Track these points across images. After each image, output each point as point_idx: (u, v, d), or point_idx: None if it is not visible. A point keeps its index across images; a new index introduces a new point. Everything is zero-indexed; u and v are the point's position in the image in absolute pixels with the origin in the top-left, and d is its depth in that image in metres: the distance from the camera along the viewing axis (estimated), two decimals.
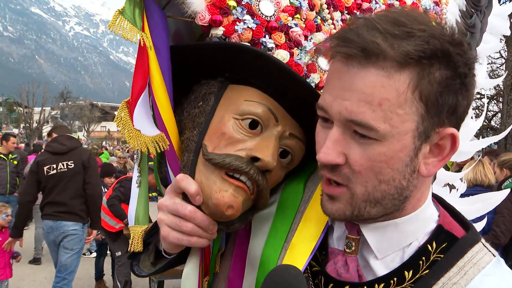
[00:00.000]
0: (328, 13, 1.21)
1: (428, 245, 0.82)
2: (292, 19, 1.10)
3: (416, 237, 0.84)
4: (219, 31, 1.02)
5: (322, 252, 0.93)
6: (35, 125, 51.76)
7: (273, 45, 1.05)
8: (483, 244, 0.83)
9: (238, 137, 0.97)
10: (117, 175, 7.54)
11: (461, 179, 1.82)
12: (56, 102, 63.27)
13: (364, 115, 0.72)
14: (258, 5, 1.06)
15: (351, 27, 0.75)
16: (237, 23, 1.03)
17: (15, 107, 58.46)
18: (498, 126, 14.72)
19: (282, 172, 1.04)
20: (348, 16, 1.25)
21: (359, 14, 1.26)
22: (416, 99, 0.72)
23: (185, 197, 0.97)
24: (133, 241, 1.13)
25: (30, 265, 7.82)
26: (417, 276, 0.80)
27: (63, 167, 5.04)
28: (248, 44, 1.03)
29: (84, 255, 6.20)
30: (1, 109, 53.75)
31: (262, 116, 0.98)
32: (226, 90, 1.04)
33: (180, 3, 1.01)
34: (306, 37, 1.11)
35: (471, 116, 1.83)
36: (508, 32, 1.88)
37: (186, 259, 1.06)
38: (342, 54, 0.75)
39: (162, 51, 1.03)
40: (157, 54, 1.02)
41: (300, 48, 1.09)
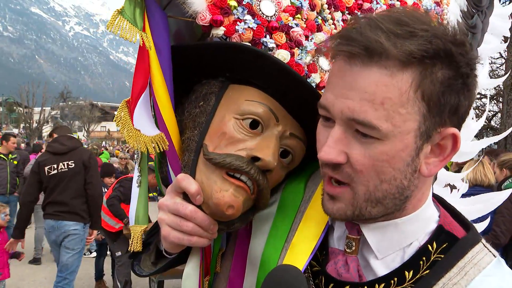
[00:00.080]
0: (329, 13, 1.21)
1: (429, 245, 0.82)
2: (293, 19, 1.10)
3: (417, 237, 0.84)
4: (220, 31, 1.02)
5: (323, 252, 0.93)
6: (35, 125, 51.75)
7: (274, 45, 1.05)
8: (483, 245, 0.83)
9: (238, 137, 0.97)
10: (118, 176, 7.53)
11: (462, 180, 1.82)
12: (56, 102, 63.24)
13: (366, 114, 0.72)
14: (259, 5, 1.06)
15: (354, 26, 0.74)
16: (238, 23, 1.03)
17: (15, 107, 58.44)
18: (498, 126, 14.70)
19: (283, 172, 1.04)
20: (349, 16, 1.25)
21: (360, 14, 1.26)
22: (418, 99, 0.72)
23: (186, 196, 0.97)
24: (133, 241, 1.13)
25: (30, 265, 7.81)
26: (417, 276, 0.80)
27: (63, 167, 5.05)
28: (248, 44, 1.03)
29: (84, 255, 6.19)
30: (1, 109, 53.73)
31: (262, 116, 0.98)
32: (227, 90, 1.04)
33: (181, 3, 1.01)
34: (307, 37, 1.11)
35: (472, 117, 1.83)
36: (508, 32, 1.88)
37: (187, 259, 1.06)
38: (345, 53, 0.75)
39: (163, 51, 1.03)
40: (158, 54, 1.02)
41: (301, 48, 1.09)
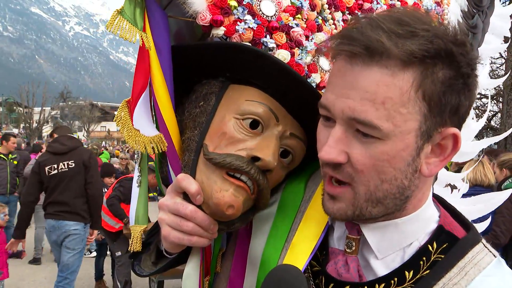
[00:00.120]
0: (329, 13, 1.21)
1: (429, 245, 0.82)
2: (293, 19, 1.10)
3: (417, 237, 0.84)
4: (220, 31, 1.02)
5: (323, 252, 0.93)
6: (35, 125, 51.74)
7: (274, 45, 1.05)
8: (483, 245, 0.83)
9: (239, 137, 0.97)
10: (119, 176, 7.52)
11: (463, 180, 1.82)
12: (56, 102, 63.22)
13: (367, 114, 0.72)
14: (259, 5, 1.06)
15: (355, 26, 0.74)
16: (238, 23, 1.03)
17: (15, 107, 58.42)
18: (498, 126, 14.69)
19: (283, 172, 1.04)
20: (349, 17, 1.25)
21: (361, 14, 1.26)
22: (419, 98, 0.72)
23: (186, 196, 0.97)
24: (133, 241, 1.13)
25: (30, 265, 7.81)
26: (417, 276, 0.80)
27: (64, 167, 5.05)
28: (249, 44, 1.03)
29: (84, 255, 6.19)
30: (1, 109, 53.71)
31: (263, 116, 0.98)
32: (227, 90, 1.04)
33: (181, 3, 1.01)
34: (307, 37, 1.11)
35: (472, 117, 1.83)
36: (509, 33, 1.87)
37: (187, 259, 1.06)
38: (346, 52, 0.75)
39: (163, 51, 1.03)
40: (159, 54, 1.02)
41: (301, 48, 1.09)
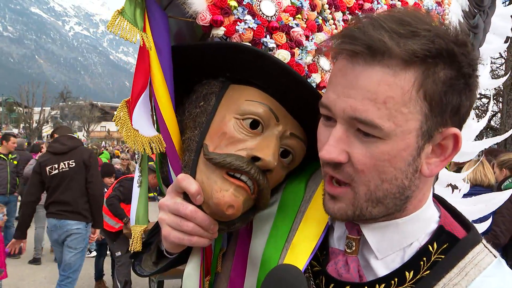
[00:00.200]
0: (330, 13, 1.21)
1: (429, 246, 0.82)
2: (293, 19, 1.10)
3: (417, 237, 0.84)
4: (220, 31, 1.02)
5: (323, 252, 0.93)
6: (35, 125, 51.73)
7: (274, 45, 1.05)
8: (484, 245, 0.83)
9: (239, 137, 0.97)
10: (120, 176, 7.52)
11: (464, 180, 1.81)
12: (56, 102, 63.20)
13: (369, 113, 0.72)
14: (259, 5, 1.06)
15: (357, 26, 0.74)
16: (238, 23, 1.03)
17: (15, 107, 58.43)
18: (498, 126, 14.69)
19: (283, 172, 1.04)
20: (349, 17, 1.25)
21: (361, 14, 1.25)
22: (420, 98, 0.72)
23: (186, 196, 0.97)
24: (133, 241, 1.13)
25: (30, 265, 7.81)
26: (418, 276, 0.80)
27: (65, 167, 5.06)
28: (249, 44, 1.03)
29: None
30: (1, 109, 53.71)
31: (263, 116, 0.98)
32: (227, 90, 1.04)
33: (181, 4, 1.01)
34: (307, 37, 1.11)
35: (473, 117, 1.83)
36: (510, 32, 1.87)
37: (188, 259, 1.06)
38: (348, 52, 0.75)
39: (163, 51, 1.03)
40: (159, 54, 1.03)
41: (301, 48, 1.08)
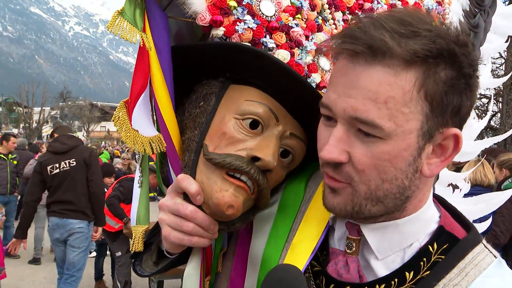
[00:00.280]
0: (330, 13, 1.21)
1: (429, 246, 0.82)
2: (293, 19, 1.10)
3: (417, 238, 0.84)
4: (219, 32, 1.02)
5: (323, 252, 0.93)
6: (34, 125, 51.71)
7: (274, 45, 1.05)
8: (484, 245, 0.83)
9: (238, 137, 0.97)
10: (121, 176, 7.51)
11: (465, 179, 1.81)
12: (56, 102, 63.16)
13: (369, 113, 0.72)
14: (259, 5, 1.06)
15: (358, 26, 0.74)
16: (238, 23, 1.03)
17: (14, 107, 58.40)
18: (497, 126, 14.69)
19: (283, 172, 1.04)
20: (349, 16, 1.24)
21: (361, 14, 1.25)
22: (421, 98, 0.72)
23: (186, 197, 0.97)
24: (134, 241, 1.13)
25: (29, 265, 7.81)
26: (418, 277, 0.80)
27: (65, 166, 5.07)
28: (248, 44, 1.03)
29: None
30: (1, 109, 53.69)
31: (262, 116, 0.98)
32: (227, 90, 1.04)
33: (181, 4, 1.01)
34: (307, 37, 1.11)
35: (473, 117, 1.83)
36: (511, 32, 1.86)
37: (188, 259, 1.06)
38: (349, 51, 0.75)
39: (163, 51, 1.03)
40: (158, 55, 1.02)
41: (301, 48, 1.08)
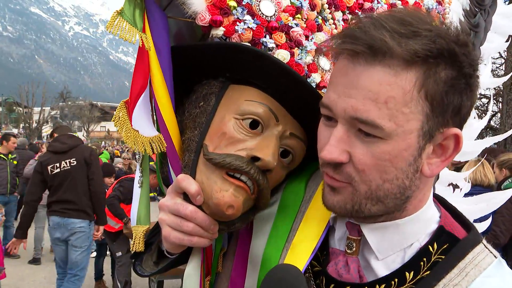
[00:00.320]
0: (330, 13, 1.21)
1: (429, 246, 0.82)
2: (293, 19, 1.10)
3: (417, 238, 0.84)
4: (219, 32, 1.02)
5: (324, 252, 0.93)
6: (34, 125, 51.71)
7: (274, 45, 1.05)
8: (484, 245, 0.83)
9: (238, 137, 0.97)
10: (122, 176, 7.51)
11: (465, 179, 1.81)
12: (56, 102, 63.16)
13: (370, 113, 0.72)
14: (259, 5, 1.06)
15: (358, 26, 0.74)
16: (238, 23, 1.03)
17: (14, 107, 58.42)
18: (497, 126, 14.70)
19: (283, 172, 1.04)
20: (349, 16, 1.24)
21: (361, 13, 1.25)
22: (421, 98, 0.72)
23: (186, 197, 0.97)
24: (135, 241, 1.13)
25: (29, 265, 7.81)
26: (418, 277, 0.80)
27: (66, 165, 5.07)
28: (248, 44, 1.03)
29: None
30: (1, 109, 53.69)
31: (262, 116, 0.98)
32: (227, 90, 1.04)
33: (180, 4, 1.01)
34: (307, 37, 1.11)
35: (474, 116, 1.82)
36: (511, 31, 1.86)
37: (188, 259, 1.06)
38: (349, 51, 0.75)
39: (163, 51, 1.03)
40: (158, 55, 1.02)
41: (301, 48, 1.08)
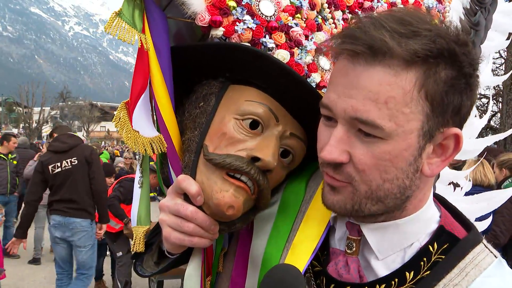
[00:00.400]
0: (329, 12, 1.21)
1: (430, 246, 0.82)
2: (293, 19, 1.10)
3: (417, 237, 0.83)
4: (219, 32, 1.02)
5: (324, 252, 0.93)
6: (34, 125, 51.71)
7: (273, 45, 1.05)
8: (484, 245, 0.83)
9: (238, 137, 0.97)
10: (123, 175, 7.50)
11: (466, 178, 1.81)
12: (56, 102, 63.18)
13: (370, 114, 0.72)
14: (258, 5, 1.06)
15: (357, 26, 0.74)
16: (237, 23, 1.03)
17: (14, 107, 58.45)
18: (497, 126, 14.71)
19: (283, 172, 1.04)
20: (349, 15, 1.24)
21: (361, 13, 1.25)
22: (422, 98, 0.72)
23: (187, 197, 0.97)
24: (135, 242, 1.13)
25: (29, 265, 7.81)
26: (418, 277, 0.80)
27: (67, 165, 5.07)
28: (248, 44, 1.03)
29: None
30: (1, 109, 53.69)
31: (262, 116, 0.98)
32: (227, 90, 1.04)
33: (180, 4, 1.00)
34: (306, 37, 1.11)
35: (475, 115, 1.82)
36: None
37: (189, 259, 1.06)
38: (349, 52, 0.74)
39: (162, 52, 1.03)
40: (158, 55, 1.02)
41: (300, 47, 1.08)
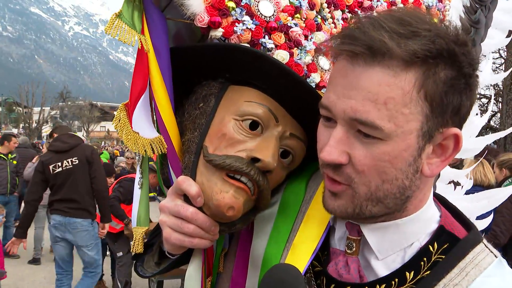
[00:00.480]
0: (329, 12, 1.21)
1: (430, 246, 0.82)
2: (292, 19, 1.10)
3: (417, 237, 0.83)
4: (218, 33, 1.02)
5: (324, 252, 0.93)
6: (34, 125, 51.72)
7: (273, 46, 1.05)
8: (484, 245, 0.83)
9: (238, 138, 0.97)
10: (125, 174, 7.50)
11: (467, 176, 1.80)
12: (56, 102, 63.21)
13: (369, 114, 0.72)
14: (257, 6, 1.06)
15: (357, 26, 0.74)
16: (236, 24, 1.03)
17: (14, 107, 58.46)
18: (497, 126, 14.71)
19: (283, 172, 1.04)
20: (349, 15, 1.24)
21: (361, 12, 1.25)
22: (421, 99, 0.72)
23: (187, 198, 0.97)
24: (135, 243, 1.13)
25: (29, 265, 7.81)
26: (418, 277, 0.80)
27: (68, 164, 5.07)
28: (247, 45, 1.03)
29: None
30: (1, 109, 53.69)
31: (262, 116, 0.98)
32: (226, 91, 1.04)
33: (179, 5, 1.00)
34: (306, 37, 1.11)
35: (476, 113, 1.82)
36: None
37: (190, 259, 1.06)
38: (348, 52, 0.74)
39: (162, 52, 1.03)
40: (157, 56, 1.02)
41: (300, 48, 1.08)
